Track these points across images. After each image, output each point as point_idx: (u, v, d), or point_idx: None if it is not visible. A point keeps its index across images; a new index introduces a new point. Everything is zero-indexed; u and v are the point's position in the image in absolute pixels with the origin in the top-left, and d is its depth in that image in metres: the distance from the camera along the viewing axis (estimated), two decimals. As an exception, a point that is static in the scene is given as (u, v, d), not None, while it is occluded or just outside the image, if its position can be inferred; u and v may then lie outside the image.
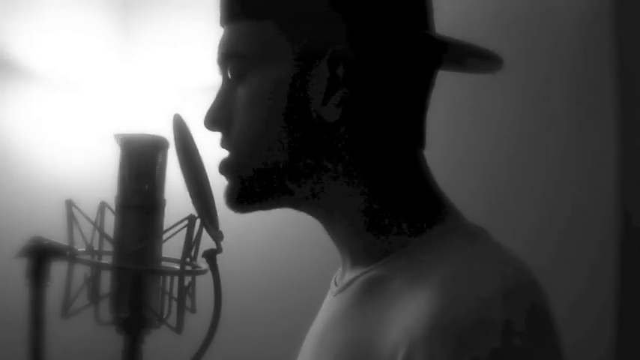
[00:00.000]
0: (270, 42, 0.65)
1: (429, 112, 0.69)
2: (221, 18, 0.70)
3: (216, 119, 0.69)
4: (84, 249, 1.12)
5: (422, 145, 0.69)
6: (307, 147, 0.65)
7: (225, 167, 0.69)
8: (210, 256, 1.05)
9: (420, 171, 0.68)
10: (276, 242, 1.64)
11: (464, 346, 0.52)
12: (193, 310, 1.15)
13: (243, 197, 0.68)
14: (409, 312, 0.57)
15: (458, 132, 1.46)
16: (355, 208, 0.66)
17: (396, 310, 0.59)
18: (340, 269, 0.75)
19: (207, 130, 0.70)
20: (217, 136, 0.70)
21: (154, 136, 1.17)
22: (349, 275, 0.70)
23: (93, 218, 1.12)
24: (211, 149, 1.14)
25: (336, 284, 0.74)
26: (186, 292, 1.15)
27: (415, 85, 0.67)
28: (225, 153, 0.69)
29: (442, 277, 0.57)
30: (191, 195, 0.96)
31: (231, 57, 0.67)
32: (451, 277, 0.57)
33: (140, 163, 1.15)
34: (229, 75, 0.68)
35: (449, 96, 0.70)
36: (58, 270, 1.04)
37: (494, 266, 0.58)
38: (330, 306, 0.72)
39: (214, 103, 0.69)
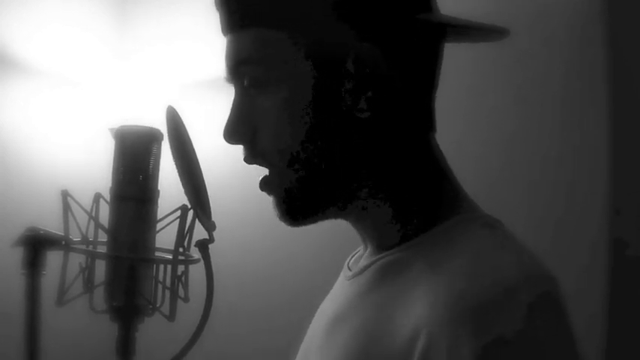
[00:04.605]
0: (284, 47, 0.63)
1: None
2: (225, 26, 0.67)
3: (237, 132, 0.67)
4: (79, 239, 1.13)
5: (434, 129, 0.70)
6: (343, 147, 0.65)
7: (267, 185, 0.67)
8: (203, 245, 1.07)
9: (434, 155, 0.69)
10: (269, 233, 1.65)
11: (487, 326, 0.53)
12: (186, 299, 1.16)
13: (297, 211, 0.67)
14: (430, 294, 0.58)
15: (449, 130, 1.47)
16: (385, 199, 0.67)
17: (416, 293, 0.60)
18: (353, 254, 0.76)
19: (228, 143, 0.67)
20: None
21: (148, 127, 1.18)
22: (367, 260, 0.70)
23: (88, 209, 1.14)
24: (205, 141, 1.16)
25: (349, 269, 0.74)
26: (179, 281, 1.16)
27: (427, 70, 0.68)
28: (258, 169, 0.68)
29: (464, 262, 0.58)
30: (184, 186, 0.97)
31: (245, 64, 0.65)
32: (473, 262, 0.58)
33: (134, 154, 1.15)
34: (246, 83, 0.66)
35: (442, 93, 0.72)
36: (53, 259, 1.05)
37: (514, 254, 0.60)
38: (344, 289, 0.72)
39: (232, 115, 0.67)
